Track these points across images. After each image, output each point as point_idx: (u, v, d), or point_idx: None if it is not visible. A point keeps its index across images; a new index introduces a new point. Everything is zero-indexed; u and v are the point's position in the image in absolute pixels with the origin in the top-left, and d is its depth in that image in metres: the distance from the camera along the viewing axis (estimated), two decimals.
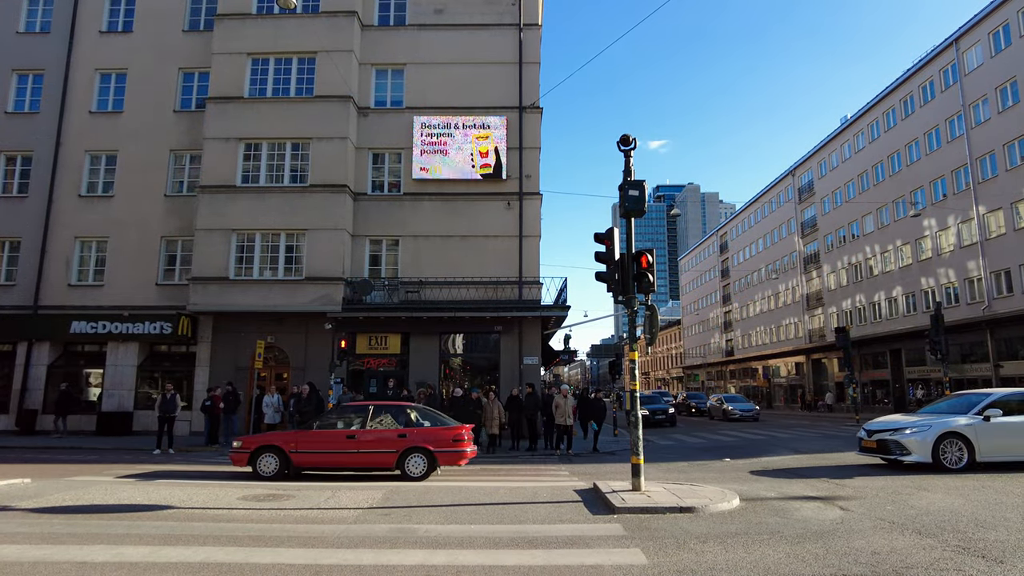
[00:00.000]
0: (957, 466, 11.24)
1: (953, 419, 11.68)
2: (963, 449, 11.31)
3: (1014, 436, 11.44)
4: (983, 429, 11.40)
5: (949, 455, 11.30)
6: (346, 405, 13.90)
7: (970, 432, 11.36)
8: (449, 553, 6.00)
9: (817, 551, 5.95)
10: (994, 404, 11.69)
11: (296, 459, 11.34)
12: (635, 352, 9.28)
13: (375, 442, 11.42)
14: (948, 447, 11.33)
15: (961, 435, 11.34)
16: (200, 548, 6.11)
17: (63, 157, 22.79)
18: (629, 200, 9.10)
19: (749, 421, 33.50)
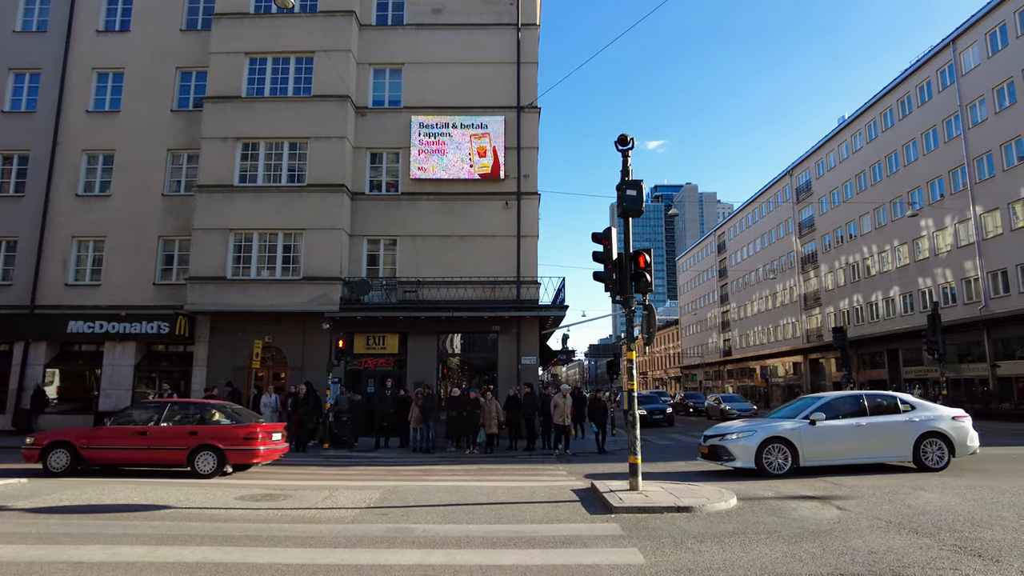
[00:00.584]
0: (780, 472, 11.08)
1: (779, 424, 11.59)
2: (787, 454, 11.16)
3: (838, 440, 11.36)
4: (808, 433, 11.28)
5: (773, 460, 11.15)
6: (146, 402, 14.06)
7: (795, 437, 11.23)
8: (447, 553, 6.00)
9: (814, 550, 5.97)
10: (822, 408, 11.63)
11: (87, 455, 11.53)
12: (633, 352, 9.29)
13: (165, 439, 11.58)
14: (772, 452, 11.17)
15: (786, 440, 11.21)
16: (197, 548, 6.11)
17: (60, 156, 22.71)
18: (627, 200, 9.11)
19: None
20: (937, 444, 11.34)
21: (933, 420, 11.49)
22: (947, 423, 11.49)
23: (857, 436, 11.38)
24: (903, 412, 11.62)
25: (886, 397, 11.90)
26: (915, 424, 11.43)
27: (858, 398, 11.97)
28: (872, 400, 11.94)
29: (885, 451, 11.44)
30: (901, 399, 11.94)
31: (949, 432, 11.37)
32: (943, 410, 11.90)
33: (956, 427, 11.49)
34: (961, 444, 11.39)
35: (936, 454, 11.30)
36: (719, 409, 35.88)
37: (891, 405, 11.75)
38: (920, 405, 11.87)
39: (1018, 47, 30.44)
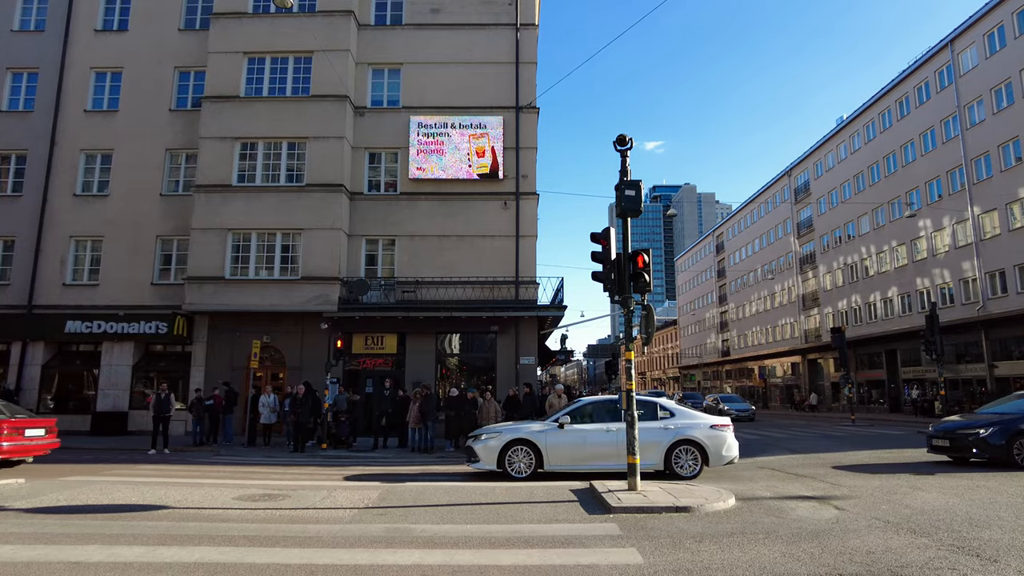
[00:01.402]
0: (522, 475, 11.01)
1: (527, 426, 11.55)
2: (531, 456, 11.09)
3: (586, 445, 11.18)
4: (554, 436, 11.16)
5: (516, 463, 11.10)
6: None
7: (540, 439, 11.13)
8: (445, 553, 5.99)
9: (813, 550, 5.97)
10: (573, 411, 11.54)
11: None
12: (631, 352, 9.28)
13: None
14: (516, 454, 11.11)
15: (530, 442, 11.13)
16: (195, 548, 6.09)
17: (58, 156, 22.68)
18: (625, 200, 9.11)
19: (745, 421, 33.45)
20: (691, 452, 11.12)
21: (688, 428, 11.24)
22: (702, 431, 11.23)
23: (606, 442, 11.13)
24: (660, 419, 11.37)
25: (645, 403, 11.51)
26: (669, 432, 11.18)
27: (616, 403, 11.63)
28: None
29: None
30: (661, 405, 11.64)
31: (703, 440, 11.11)
32: (703, 418, 11.68)
33: (712, 435, 11.21)
34: (716, 453, 11.12)
35: (689, 462, 11.08)
36: (717, 409, 35.83)
37: (649, 412, 11.41)
38: (680, 412, 11.62)
39: (1016, 48, 30.48)
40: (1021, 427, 11.50)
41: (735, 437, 11.63)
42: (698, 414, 11.92)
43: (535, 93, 22.76)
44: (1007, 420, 11.78)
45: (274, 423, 18.34)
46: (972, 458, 11.95)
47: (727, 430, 11.45)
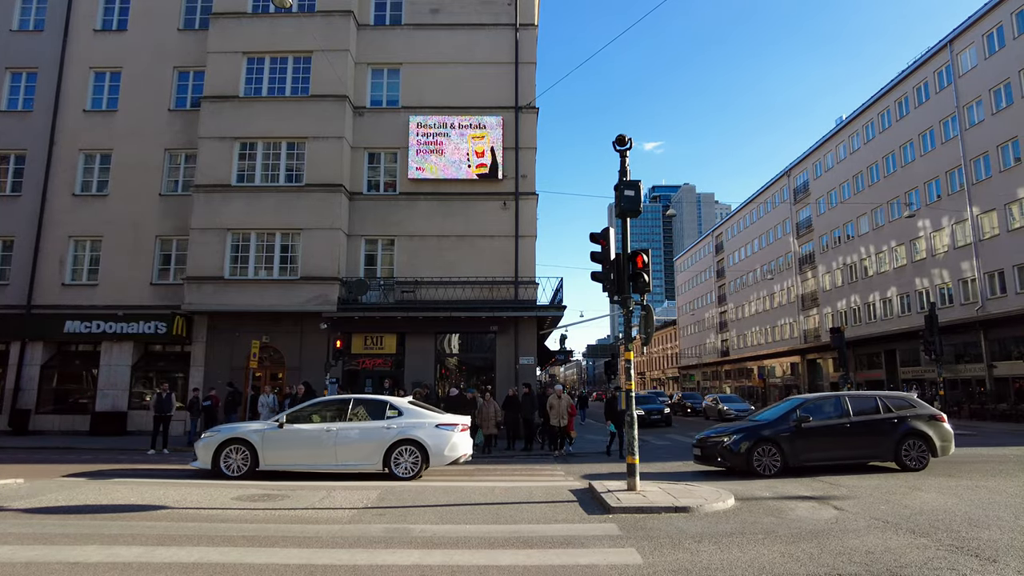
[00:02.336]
0: (236, 474, 10.92)
1: (246, 426, 11.52)
2: (247, 456, 11.05)
3: (303, 446, 11.10)
4: (272, 437, 11.10)
5: (232, 462, 11.03)
6: None
7: (256, 439, 11.06)
8: (444, 553, 5.99)
9: (812, 550, 5.97)
10: (293, 412, 11.52)
11: None
12: (631, 352, 9.28)
13: None
14: (232, 454, 11.05)
15: (247, 441, 11.08)
16: (194, 548, 6.09)
17: (57, 156, 22.67)
18: (625, 200, 9.11)
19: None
20: (412, 452, 11.09)
21: (411, 428, 11.18)
22: (426, 431, 11.19)
23: (324, 442, 11.04)
24: (387, 418, 11.31)
25: (373, 402, 11.56)
26: (391, 431, 11.13)
27: (341, 404, 11.65)
28: (362, 404, 11.69)
29: (355, 459, 11.10)
30: (390, 404, 11.60)
31: (425, 440, 11.10)
32: (431, 417, 11.53)
33: (435, 435, 11.19)
34: (437, 452, 11.09)
35: (409, 462, 11.04)
36: (717, 409, 35.69)
37: (376, 410, 11.44)
38: (408, 411, 11.48)
39: (1015, 48, 30.49)
40: (763, 435, 11.41)
41: None
42: (428, 413, 11.72)
43: (534, 93, 22.77)
44: (751, 428, 11.74)
45: None
46: (717, 466, 11.81)
47: (453, 429, 11.39)
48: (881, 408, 11.97)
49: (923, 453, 11.60)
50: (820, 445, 11.54)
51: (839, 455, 11.69)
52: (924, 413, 12.02)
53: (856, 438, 11.64)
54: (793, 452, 11.35)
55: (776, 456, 11.32)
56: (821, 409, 12.02)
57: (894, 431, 11.66)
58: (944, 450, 11.80)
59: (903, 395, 12.73)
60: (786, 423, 11.63)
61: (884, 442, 11.61)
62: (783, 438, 11.42)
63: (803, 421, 11.54)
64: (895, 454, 11.57)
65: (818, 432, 11.57)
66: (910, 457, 11.58)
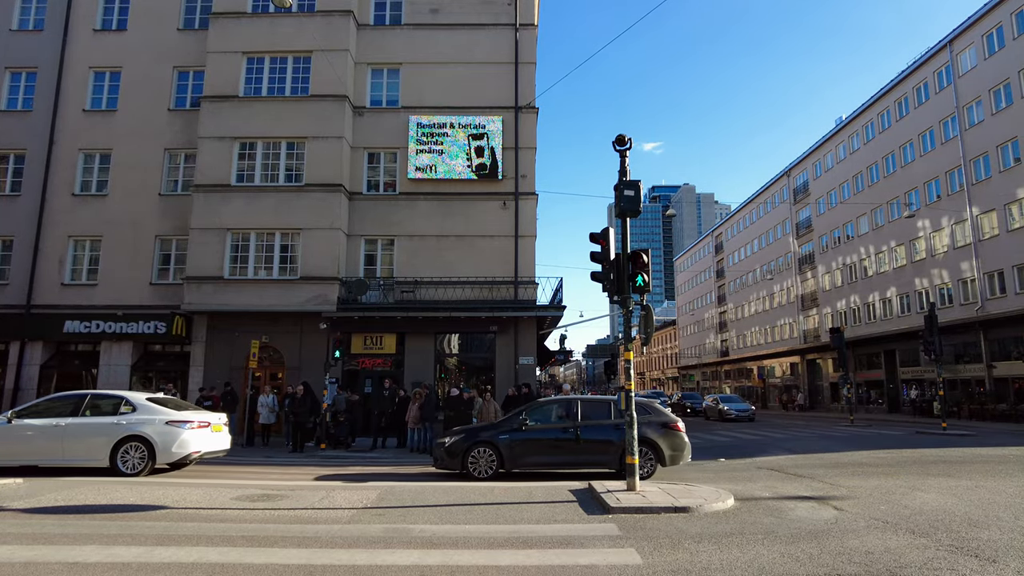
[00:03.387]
0: None
1: None
2: None
3: (28, 440, 10.94)
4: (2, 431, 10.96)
5: None
6: None
7: None
8: (444, 553, 5.98)
9: (811, 551, 5.97)
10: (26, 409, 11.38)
11: None
12: (630, 352, 9.28)
13: None
14: None
15: None
16: (193, 548, 6.08)
17: (56, 156, 22.63)
18: (625, 200, 9.10)
19: (745, 421, 33.32)
20: (140, 449, 10.98)
21: (141, 424, 11.07)
22: (154, 427, 11.07)
23: (51, 435, 10.94)
24: (120, 414, 11.19)
25: (111, 398, 11.46)
26: (120, 427, 11.01)
27: (83, 398, 11.55)
28: (98, 400, 11.54)
29: (82, 454, 10.96)
30: (126, 400, 11.48)
31: (152, 436, 10.99)
32: (165, 415, 11.32)
33: (164, 432, 11.08)
34: (164, 449, 11.02)
35: (136, 460, 10.95)
36: (717, 410, 35.68)
37: (110, 407, 11.35)
38: (143, 407, 11.31)
39: (1015, 49, 30.52)
40: (481, 437, 11.41)
41: (730, 437, 11.62)
42: (163, 410, 11.44)
43: (534, 93, 22.77)
44: (471, 431, 11.76)
45: (273, 423, 18.33)
46: (438, 468, 11.77)
47: (184, 426, 11.26)
48: (613, 414, 11.70)
49: (650, 461, 11.34)
50: (541, 449, 11.45)
51: (562, 460, 11.57)
52: (657, 420, 11.75)
53: (583, 444, 11.44)
54: (511, 456, 11.30)
55: (493, 459, 11.26)
56: (548, 413, 11.92)
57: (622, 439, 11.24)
58: (673, 459, 11.53)
59: (642, 401, 12.36)
60: (509, 426, 11.60)
61: (612, 449, 11.32)
62: (501, 441, 11.34)
63: (524, 424, 11.47)
64: (620, 462, 11.11)
65: (540, 436, 11.48)
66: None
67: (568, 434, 11.49)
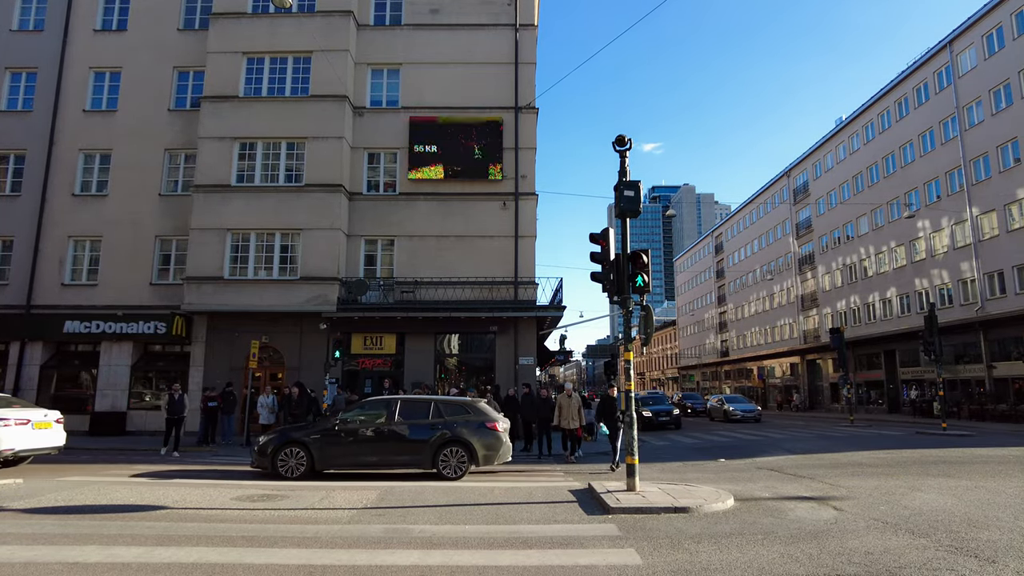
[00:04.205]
0: None
1: None
2: None
3: None
4: None
5: None
6: None
7: None
8: (444, 553, 5.99)
9: (811, 551, 5.97)
10: None
11: None
12: (630, 352, 9.28)
13: None
14: None
15: None
16: (193, 548, 6.08)
17: (56, 156, 22.63)
18: (624, 200, 9.10)
19: (751, 422, 32.52)
20: None
21: None
22: None
23: None
24: None
25: None
26: None
27: None
28: None
29: None
30: None
31: None
32: None
33: None
34: None
35: None
36: (722, 410, 34.96)
37: None
38: None
39: (1015, 49, 30.51)
40: (292, 436, 11.35)
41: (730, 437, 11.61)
42: None
43: (534, 93, 22.77)
44: (285, 429, 11.76)
45: (272, 423, 18.30)
46: (252, 467, 11.65)
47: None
48: (432, 413, 11.69)
49: (463, 462, 11.34)
50: (355, 449, 11.39)
51: (375, 460, 11.49)
52: (476, 420, 11.71)
53: (397, 443, 11.44)
54: (322, 456, 11.26)
55: (303, 458, 11.19)
56: (365, 413, 11.87)
57: (437, 438, 11.38)
58: (487, 459, 11.53)
59: (464, 401, 12.42)
60: (322, 426, 11.57)
61: (425, 449, 11.32)
62: (313, 441, 11.27)
63: (337, 424, 11.42)
64: (433, 461, 11.29)
65: (354, 436, 11.42)
66: (447, 466, 11.33)
67: (382, 434, 11.45)
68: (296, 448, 11.22)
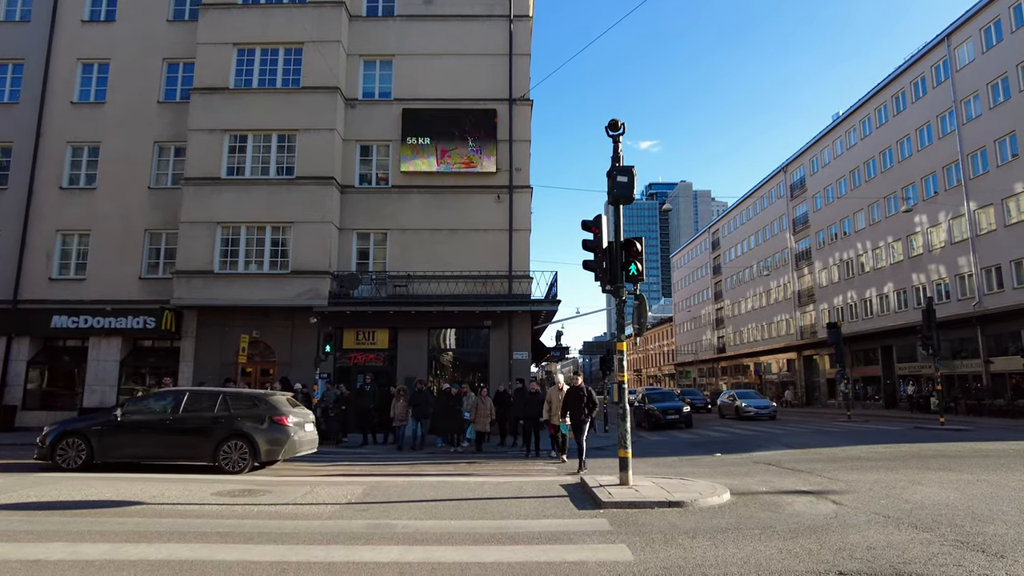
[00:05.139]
0: None
1: None
2: None
3: None
4: None
5: None
6: None
7: None
8: (426, 549, 5.71)
9: (810, 546, 5.71)
10: None
11: None
12: (623, 343, 9.01)
13: None
14: None
15: None
16: (163, 545, 5.80)
17: (44, 148, 22.27)
18: (617, 187, 8.82)
19: (765, 420, 29.62)
20: None
21: None
22: None
23: None
24: None
25: None
26: None
27: None
28: None
29: None
30: None
31: None
32: None
33: None
34: None
35: None
36: (734, 407, 31.75)
37: None
38: None
39: (1013, 42, 30.28)
40: (73, 427, 11.18)
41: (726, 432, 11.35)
42: None
43: (529, 85, 22.47)
44: (68, 420, 11.68)
45: None
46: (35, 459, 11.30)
47: None
48: (218, 406, 11.40)
49: (244, 456, 11.01)
50: (136, 441, 11.16)
51: (158, 453, 11.31)
52: (262, 413, 11.37)
53: (179, 436, 11.18)
54: (102, 447, 11.05)
55: (83, 450, 10.99)
56: (151, 405, 11.71)
57: (218, 431, 11.08)
58: (270, 453, 11.20)
59: (256, 393, 12.16)
60: (105, 417, 11.38)
61: (205, 442, 11.04)
62: (94, 432, 11.11)
63: (119, 416, 11.22)
64: (213, 455, 10.97)
65: (136, 428, 11.19)
66: (229, 460, 11.00)
67: (165, 426, 11.24)
68: (76, 439, 11.01)
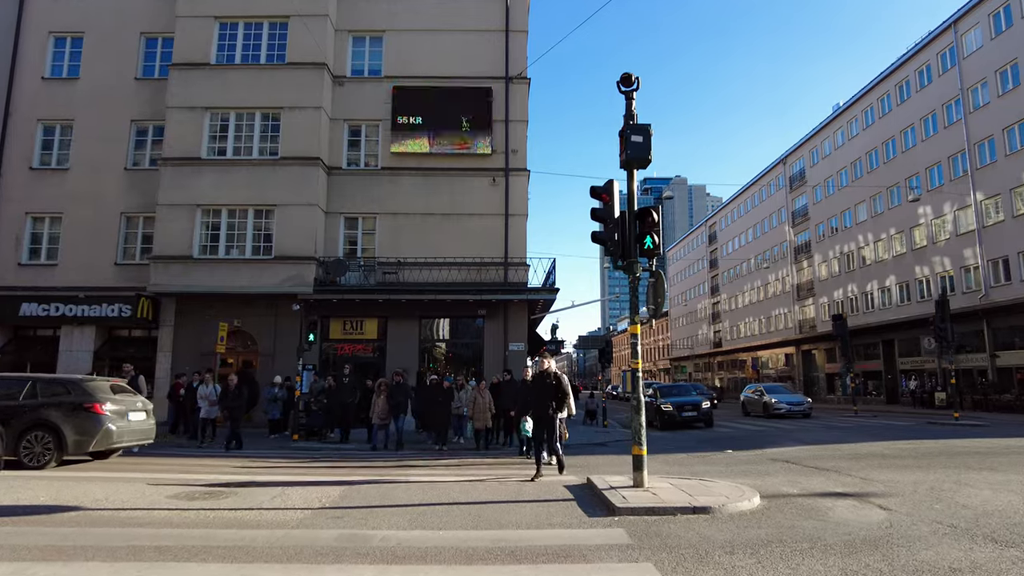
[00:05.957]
0: None
1: None
2: None
3: None
4: None
5: None
6: None
7: None
8: (406, 570, 4.64)
9: (879, 566, 4.64)
10: None
11: None
12: (637, 325, 7.97)
13: None
14: None
15: None
16: (83, 564, 4.70)
17: (13, 127, 21.10)
18: (631, 147, 7.73)
19: (798, 418, 25.53)
20: None
21: None
22: None
23: None
24: None
25: None
26: None
27: None
28: None
29: None
30: None
31: None
32: None
33: None
34: None
35: None
36: (761, 403, 27.50)
37: None
38: None
39: (1023, 28, 29.38)
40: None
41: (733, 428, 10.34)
42: None
43: (526, 63, 21.38)
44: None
45: (213, 418, 15.67)
46: None
47: None
48: (25, 393, 10.48)
49: (48, 448, 10.11)
50: None
51: None
52: (71, 400, 10.45)
53: None
54: None
55: None
56: None
57: (21, 421, 10.15)
58: (79, 444, 10.28)
59: (68, 379, 11.19)
60: None
61: (6, 433, 10.07)
62: None
63: None
64: (15, 448, 10.02)
65: None
66: (31, 454, 10.09)
67: None
68: None
